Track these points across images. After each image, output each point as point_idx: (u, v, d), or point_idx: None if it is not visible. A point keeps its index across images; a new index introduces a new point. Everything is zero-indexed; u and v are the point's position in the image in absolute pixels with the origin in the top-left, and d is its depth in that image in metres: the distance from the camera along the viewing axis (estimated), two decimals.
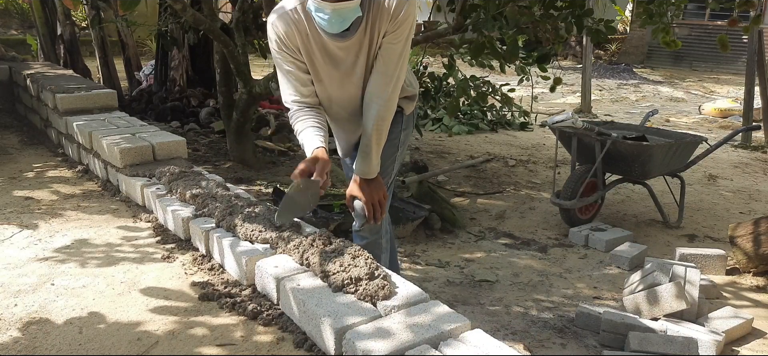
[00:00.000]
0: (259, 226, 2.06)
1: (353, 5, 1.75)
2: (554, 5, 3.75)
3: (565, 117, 4.35)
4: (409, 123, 2.23)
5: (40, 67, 5.21)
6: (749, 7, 3.65)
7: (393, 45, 1.88)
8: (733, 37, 7.99)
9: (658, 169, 4.33)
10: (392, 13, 1.83)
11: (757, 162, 6.57)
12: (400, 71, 1.93)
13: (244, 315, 1.80)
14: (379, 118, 1.95)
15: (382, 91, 1.92)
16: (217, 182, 2.65)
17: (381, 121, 1.95)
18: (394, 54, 1.89)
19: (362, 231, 2.21)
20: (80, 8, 8.74)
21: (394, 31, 1.86)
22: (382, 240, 2.25)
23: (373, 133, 1.95)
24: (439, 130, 7.21)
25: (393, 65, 1.90)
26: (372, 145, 1.97)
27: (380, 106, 1.94)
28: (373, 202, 2.03)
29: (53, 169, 3.48)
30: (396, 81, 1.93)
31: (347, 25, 1.81)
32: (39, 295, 1.94)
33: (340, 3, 1.72)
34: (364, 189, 2.03)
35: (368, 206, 2.04)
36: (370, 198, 2.03)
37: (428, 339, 1.48)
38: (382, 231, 2.24)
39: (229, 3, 5.61)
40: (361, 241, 2.21)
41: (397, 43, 1.88)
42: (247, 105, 4.52)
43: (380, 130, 1.97)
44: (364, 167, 2.00)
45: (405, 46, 1.90)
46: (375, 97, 1.94)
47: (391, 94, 1.93)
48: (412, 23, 1.88)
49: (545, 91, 8.57)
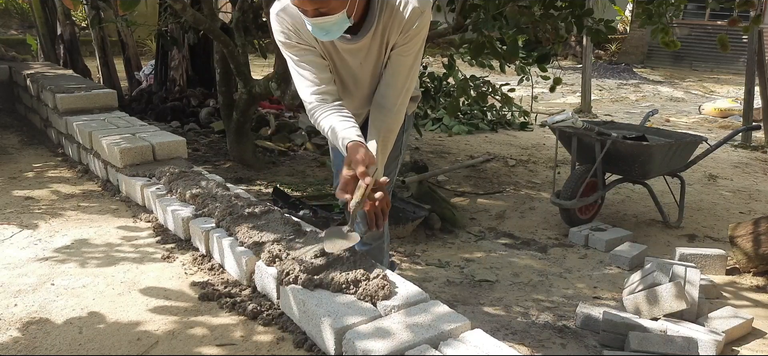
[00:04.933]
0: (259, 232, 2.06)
1: (336, 18, 1.65)
2: (554, 5, 3.76)
3: (565, 117, 4.35)
4: (409, 125, 2.22)
5: (40, 67, 5.21)
6: (749, 7, 3.65)
7: (403, 58, 1.81)
8: (733, 37, 7.99)
9: (658, 169, 4.33)
10: (404, 25, 1.75)
11: (757, 162, 6.57)
12: (410, 83, 1.87)
13: (244, 315, 1.80)
14: (387, 129, 1.88)
15: (390, 103, 1.86)
16: (217, 182, 2.65)
17: (388, 133, 1.89)
18: (404, 67, 1.83)
19: (365, 238, 2.16)
20: (80, 8, 8.74)
21: (405, 43, 1.79)
22: (384, 245, 2.23)
23: (379, 143, 1.87)
24: (439, 130, 7.21)
25: (403, 78, 1.84)
26: (377, 155, 1.87)
27: (388, 118, 1.87)
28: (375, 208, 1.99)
29: (53, 169, 3.48)
30: (405, 93, 1.87)
31: (336, 36, 1.73)
32: (39, 295, 1.94)
33: (319, 18, 1.64)
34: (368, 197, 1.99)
35: (370, 214, 1.92)
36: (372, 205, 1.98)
37: (428, 339, 1.48)
38: (385, 236, 2.22)
39: (229, 3, 5.61)
40: (363, 247, 2.17)
41: (407, 56, 1.81)
42: (247, 105, 4.53)
43: (387, 141, 1.91)
44: None
45: (416, 60, 1.83)
46: (383, 109, 1.88)
47: (399, 106, 1.88)
48: (424, 36, 1.80)
49: (545, 91, 8.57)
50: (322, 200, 3.99)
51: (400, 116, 1.92)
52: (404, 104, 1.91)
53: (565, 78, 9.01)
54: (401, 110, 1.90)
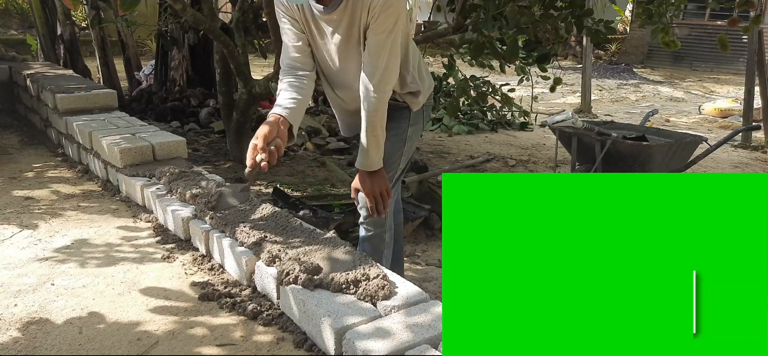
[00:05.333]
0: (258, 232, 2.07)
1: None
2: (554, 5, 3.75)
3: (565, 117, 4.36)
4: (418, 119, 2.21)
5: (40, 67, 5.20)
6: (749, 7, 3.65)
7: (374, 37, 1.85)
8: (733, 37, 7.99)
9: (658, 169, 4.33)
10: (370, 4, 1.80)
11: (757, 162, 6.57)
12: (386, 64, 1.88)
13: (244, 315, 1.80)
14: (371, 110, 1.92)
15: (368, 84, 1.91)
16: (217, 182, 2.65)
17: (372, 114, 1.93)
18: (375, 46, 1.86)
19: (367, 224, 2.20)
20: (80, 8, 8.74)
21: (374, 22, 1.83)
22: (386, 235, 2.24)
23: (367, 125, 1.95)
24: (439, 130, 7.22)
25: (375, 57, 1.87)
26: (367, 137, 1.96)
27: (368, 99, 1.92)
28: (374, 195, 2.03)
29: (53, 169, 3.48)
30: (382, 73, 1.89)
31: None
32: (39, 295, 1.94)
33: None
34: (365, 182, 2.03)
35: (369, 198, 2.03)
36: (371, 190, 2.02)
37: (428, 339, 1.48)
38: (387, 226, 2.23)
39: (229, 3, 5.61)
40: (366, 233, 2.21)
41: (378, 35, 1.84)
42: (247, 105, 4.52)
43: (372, 123, 1.94)
44: (362, 159, 2.01)
45: (388, 38, 1.85)
46: (364, 90, 1.93)
47: (377, 86, 1.90)
48: (395, 15, 1.83)
49: (545, 91, 8.57)
50: (322, 200, 3.98)
51: (381, 97, 1.93)
52: (383, 89, 1.92)
53: (565, 78, 9.00)
54: (381, 91, 1.91)
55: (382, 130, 1.98)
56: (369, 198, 2.03)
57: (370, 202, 2.04)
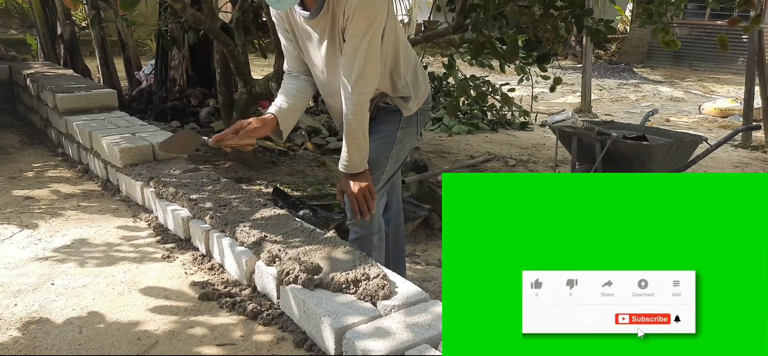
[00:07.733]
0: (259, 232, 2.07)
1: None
2: (554, 5, 3.75)
3: (565, 116, 4.35)
4: (411, 123, 2.17)
5: (40, 67, 5.20)
6: (749, 7, 3.65)
7: (350, 40, 1.85)
8: (733, 36, 7.99)
9: (658, 169, 4.32)
10: (345, 7, 1.80)
11: (757, 162, 6.57)
12: (362, 66, 1.86)
13: (244, 314, 1.80)
14: (349, 113, 1.93)
15: (345, 87, 1.91)
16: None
17: (351, 116, 1.93)
18: (350, 48, 1.86)
19: (353, 226, 2.18)
20: (80, 8, 8.74)
21: (350, 24, 1.83)
22: (374, 238, 2.20)
23: (347, 128, 1.95)
24: (439, 129, 7.22)
25: (350, 60, 1.86)
26: (347, 140, 1.97)
27: (346, 102, 1.92)
28: (357, 197, 2.02)
29: (53, 169, 3.48)
30: (358, 75, 1.88)
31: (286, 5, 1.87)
32: (39, 295, 1.94)
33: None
34: (348, 184, 2.02)
35: (352, 200, 2.02)
36: (353, 192, 2.01)
37: (428, 338, 1.48)
38: (374, 228, 2.18)
39: (229, 3, 5.61)
40: (353, 235, 2.18)
41: (353, 38, 1.84)
42: (247, 105, 4.52)
43: (351, 126, 1.94)
44: (344, 160, 2.01)
45: (362, 41, 1.83)
46: (343, 93, 1.93)
47: (354, 89, 1.89)
48: (369, 18, 1.81)
49: (545, 90, 8.56)
50: (322, 200, 3.98)
51: (357, 104, 1.92)
52: (359, 92, 1.90)
53: (565, 78, 9.01)
54: (357, 94, 1.91)
55: (362, 133, 1.97)
56: (352, 200, 2.01)
57: (353, 204, 2.02)
